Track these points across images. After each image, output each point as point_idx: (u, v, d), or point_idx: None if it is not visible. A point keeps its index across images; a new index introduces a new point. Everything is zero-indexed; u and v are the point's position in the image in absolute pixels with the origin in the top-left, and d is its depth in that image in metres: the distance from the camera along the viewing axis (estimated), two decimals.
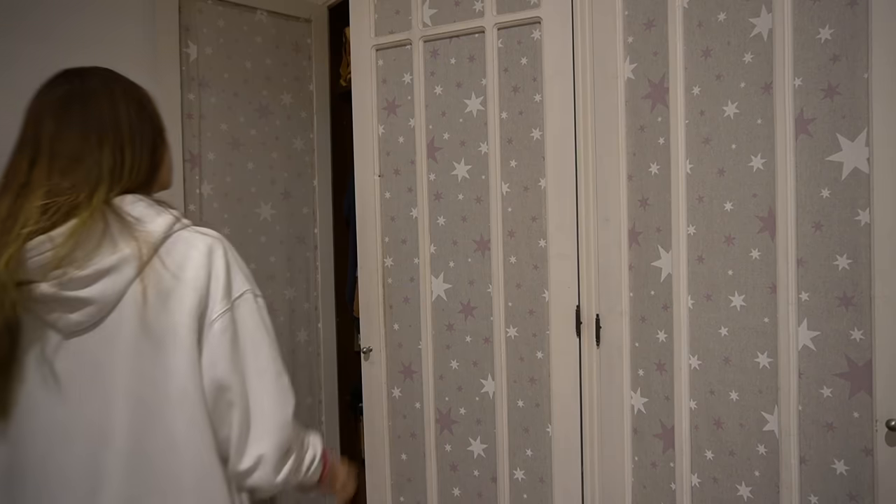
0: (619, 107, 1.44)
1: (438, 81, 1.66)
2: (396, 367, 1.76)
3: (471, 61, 1.62)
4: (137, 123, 0.99)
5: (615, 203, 1.45)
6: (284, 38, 2.05)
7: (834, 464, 1.13)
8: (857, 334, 1.10)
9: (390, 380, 1.77)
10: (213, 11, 1.90)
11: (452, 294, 1.68)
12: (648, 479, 1.43)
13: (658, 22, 1.36)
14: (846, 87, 1.09)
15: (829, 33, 1.11)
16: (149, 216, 0.89)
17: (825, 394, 1.14)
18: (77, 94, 0.98)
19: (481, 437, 1.66)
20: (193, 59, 1.86)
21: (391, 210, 1.75)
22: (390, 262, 1.75)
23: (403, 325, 1.75)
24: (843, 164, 1.10)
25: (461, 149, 1.65)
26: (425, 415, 1.72)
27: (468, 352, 1.67)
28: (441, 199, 1.68)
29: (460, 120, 1.65)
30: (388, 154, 1.74)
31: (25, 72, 1.65)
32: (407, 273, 1.73)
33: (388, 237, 1.75)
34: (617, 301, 1.46)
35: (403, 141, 1.72)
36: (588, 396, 1.51)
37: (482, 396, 1.66)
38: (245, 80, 1.96)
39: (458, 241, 1.67)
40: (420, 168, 1.69)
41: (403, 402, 1.75)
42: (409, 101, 1.70)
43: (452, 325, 1.68)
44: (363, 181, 1.76)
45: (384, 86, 1.73)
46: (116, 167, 0.91)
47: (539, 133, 1.55)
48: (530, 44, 1.54)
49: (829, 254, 1.12)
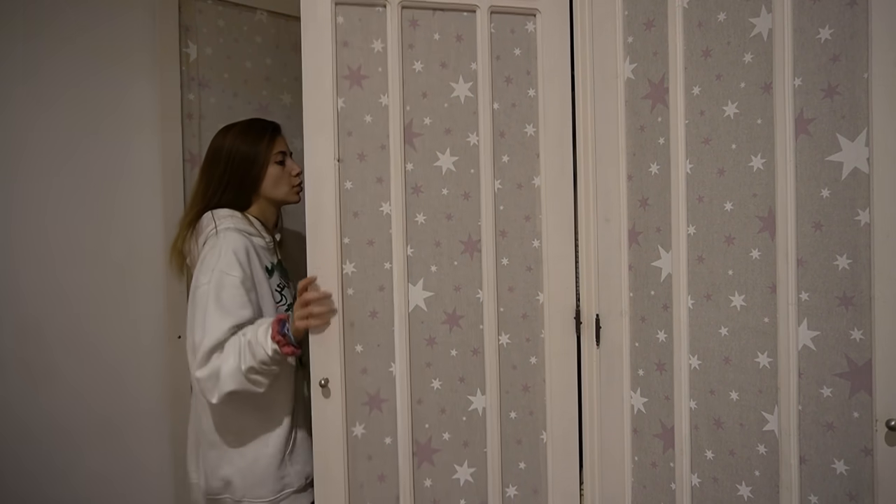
0: (619, 107, 1.44)
1: (418, 56, 1.47)
2: (359, 398, 1.44)
3: (458, 41, 1.48)
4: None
5: (615, 203, 1.45)
6: (284, 38, 2.05)
7: (834, 464, 1.13)
8: (857, 334, 1.10)
9: (350, 416, 1.44)
10: (213, 11, 1.90)
11: (435, 303, 1.48)
12: (648, 479, 1.43)
13: (658, 22, 1.36)
14: (846, 87, 1.09)
15: (829, 33, 1.11)
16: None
17: (825, 394, 1.14)
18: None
19: (468, 461, 1.50)
20: (193, 59, 1.86)
21: (353, 204, 1.44)
22: (351, 269, 1.43)
23: (369, 345, 1.45)
24: (843, 164, 1.10)
25: (446, 137, 1.48)
26: (400, 450, 1.46)
27: (454, 367, 1.49)
28: (421, 192, 1.47)
29: (445, 105, 1.48)
30: (350, 134, 1.44)
31: (25, 71, 1.66)
32: (374, 281, 1.45)
33: (348, 237, 1.43)
34: (617, 301, 1.46)
35: (371, 120, 1.45)
36: (588, 397, 1.51)
37: (470, 415, 1.50)
38: (245, 80, 1.96)
39: (441, 242, 1.48)
40: (395, 155, 1.45)
41: (368, 440, 1.45)
42: (379, 73, 1.45)
43: (434, 339, 1.48)
44: (316, 166, 1.41)
45: (345, 49, 1.43)
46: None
47: (533, 129, 1.51)
48: (523, 35, 1.50)
49: (829, 254, 1.12)
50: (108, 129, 1.76)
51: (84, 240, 1.73)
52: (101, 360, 1.75)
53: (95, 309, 1.74)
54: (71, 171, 1.71)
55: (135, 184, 1.80)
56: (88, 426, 1.73)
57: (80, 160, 1.73)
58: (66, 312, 1.70)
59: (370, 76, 1.45)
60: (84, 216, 1.73)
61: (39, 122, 1.68)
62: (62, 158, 1.70)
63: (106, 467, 1.76)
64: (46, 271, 1.68)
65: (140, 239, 1.80)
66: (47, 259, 1.68)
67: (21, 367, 1.65)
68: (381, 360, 1.46)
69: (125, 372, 1.78)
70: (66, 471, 1.70)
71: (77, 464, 1.72)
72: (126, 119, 1.79)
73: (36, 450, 1.67)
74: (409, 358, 1.46)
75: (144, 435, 1.80)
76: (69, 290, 1.71)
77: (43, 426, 1.67)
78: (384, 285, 1.45)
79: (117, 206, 1.78)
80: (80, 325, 1.72)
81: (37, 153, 1.67)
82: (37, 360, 1.67)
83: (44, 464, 1.68)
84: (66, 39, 1.71)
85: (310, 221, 1.41)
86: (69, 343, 1.71)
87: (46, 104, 1.68)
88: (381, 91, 1.45)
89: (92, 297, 1.74)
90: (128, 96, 1.79)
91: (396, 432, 1.46)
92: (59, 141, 1.70)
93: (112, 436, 1.77)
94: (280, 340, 1.38)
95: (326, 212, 1.41)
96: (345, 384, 1.43)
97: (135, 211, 1.80)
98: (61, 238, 1.70)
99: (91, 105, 1.74)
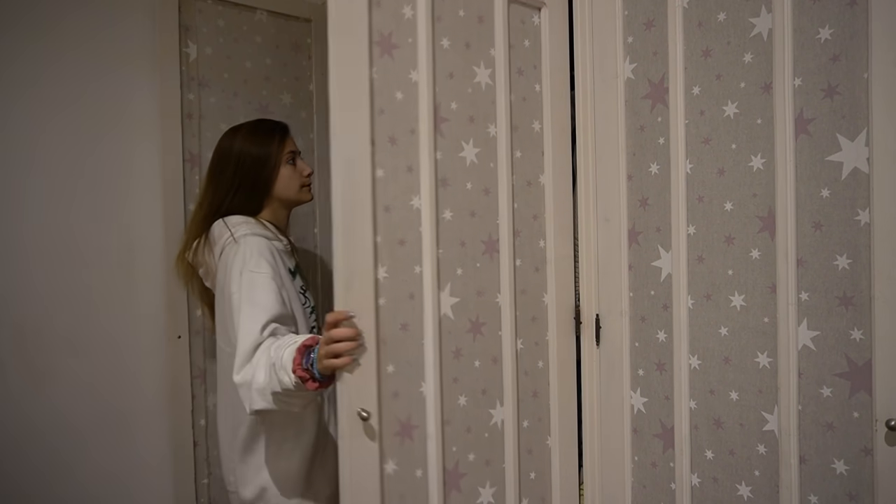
0: (619, 106, 1.44)
1: (446, 32, 1.28)
2: (392, 428, 1.20)
3: (480, 22, 1.33)
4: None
5: (615, 203, 1.45)
6: (284, 37, 2.05)
7: (834, 463, 1.13)
8: (856, 334, 1.10)
9: (384, 451, 1.19)
10: (213, 11, 1.90)
11: (460, 310, 1.30)
12: (648, 479, 1.43)
13: (658, 22, 1.36)
14: (846, 87, 1.09)
15: (829, 33, 1.11)
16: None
17: (825, 393, 1.14)
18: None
19: (490, 481, 1.35)
20: (193, 59, 1.86)
21: (385, 196, 1.19)
22: (383, 274, 1.19)
23: (400, 363, 1.21)
24: (843, 164, 1.10)
25: (470, 126, 1.31)
26: (430, 482, 1.25)
27: (477, 380, 1.32)
28: (448, 186, 1.28)
29: (469, 90, 1.31)
30: (382, 113, 1.19)
31: (25, 71, 1.66)
32: (405, 288, 1.22)
33: (380, 236, 1.19)
34: (617, 301, 1.46)
35: (402, 98, 1.22)
36: (588, 396, 1.51)
37: (491, 430, 1.35)
38: (245, 80, 1.96)
39: (466, 242, 1.31)
40: (424, 140, 1.24)
41: (400, 476, 1.21)
42: (409, 43, 1.23)
43: (460, 351, 1.30)
44: (348, 148, 1.14)
45: (378, 10, 1.19)
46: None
47: (539, 125, 1.46)
48: (531, 27, 1.45)
49: (828, 254, 1.12)
50: (108, 128, 1.76)
51: (84, 239, 1.73)
52: (101, 360, 1.75)
53: (95, 308, 1.74)
54: (71, 170, 1.71)
55: (135, 184, 1.80)
56: (89, 425, 1.73)
57: (80, 160, 1.72)
58: (66, 312, 1.70)
59: (401, 46, 1.22)
60: (84, 216, 1.73)
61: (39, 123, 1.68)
62: (62, 158, 1.70)
63: (108, 464, 1.76)
64: (46, 271, 1.68)
65: (140, 239, 1.80)
66: (47, 259, 1.68)
67: (22, 366, 1.65)
68: (412, 381, 1.23)
69: (125, 371, 1.78)
70: (69, 467, 1.71)
71: (80, 461, 1.72)
72: (126, 119, 1.78)
73: (39, 447, 1.67)
74: (439, 375, 1.26)
75: (145, 433, 1.81)
76: (69, 289, 1.71)
77: (45, 424, 1.67)
78: (414, 292, 1.23)
79: (117, 206, 1.77)
80: (81, 325, 1.72)
81: (37, 153, 1.67)
82: (37, 359, 1.67)
83: (47, 461, 1.68)
84: (66, 40, 1.71)
85: (338, 216, 1.13)
86: (69, 342, 1.70)
87: (46, 104, 1.68)
88: (411, 65, 1.24)
89: (92, 296, 1.74)
90: (128, 96, 1.79)
91: (426, 462, 1.26)
92: (58, 141, 1.70)
93: (113, 434, 1.77)
94: (303, 375, 1.20)
95: (361, 204, 1.15)
96: (380, 414, 1.18)
97: (135, 211, 1.80)
98: (61, 238, 1.70)
99: (91, 105, 1.74)
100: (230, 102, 1.93)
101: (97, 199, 1.75)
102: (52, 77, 1.69)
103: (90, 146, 1.74)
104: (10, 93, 1.64)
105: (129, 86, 1.79)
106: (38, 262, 1.67)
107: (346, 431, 1.14)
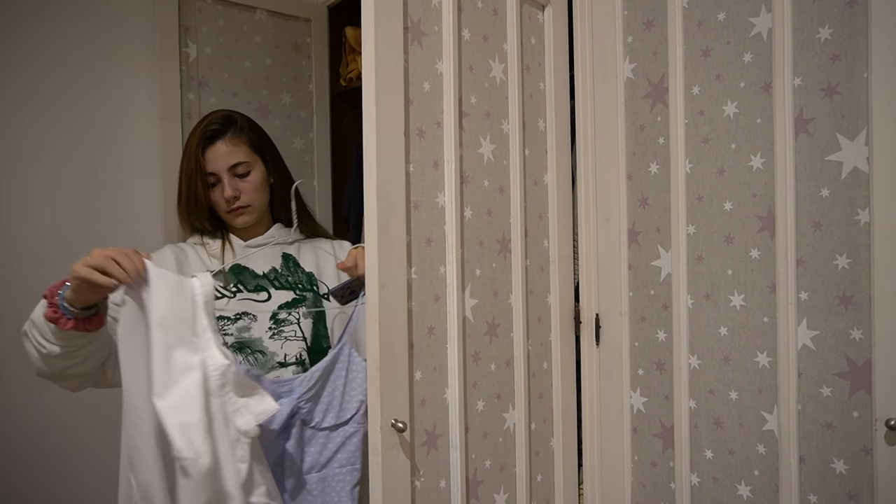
0: (619, 106, 1.44)
1: (467, 23, 1.25)
2: (419, 438, 1.15)
3: (495, 15, 1.31)
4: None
5: (615, 202, 1.45)
6: (284, 37, 2.05)
7: (833, 463, 1.13)
8: (856, 334, 1.10)
9: (415, 465, 1.14)
10: (213, 11, 1.90)
11: (479, 312, 1.27)
12: (648, 479, 1.43)
13: (657, 21, 1.36)
14: (846, 86, 1.09)
15: (829, 33, 1.11)
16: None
17: (825, 393, 1.14)
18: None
19: (504, 486, 1.33)
20: (193, 59, 1.86)
21: (414, 192, 1.14)
22: (413, 275, 1.14)
23: (426, 369, 1.16)
24: (843, 164, 1.10)
25: (486, 121, 1.29)
26: (452, 494, 1.21)
27: (493, 384, 1.30)
28: (468, 182, 1.25)
29: (486, 84, 1.29)
30: (412, 103, 1.15)
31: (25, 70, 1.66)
32: (431, 290, 1.17)
33: (409, 235, 1.14)
34: (616, 301, 1.46)
35: (430, 89, 1.18)
36: (588, 396, 1.51)
37: (504, 435, 1.32)
38: (244, 80, 1.96)
39: (483, 242, 1.28)
40: (449, 134, 1.20)
41: (426, 490, 1.15)
42: (435, 32, 1.19)
43: (479, 354, 1.27)
44: (385, 142, 1.06)
45: None
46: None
47: (543, 124, 1.46)
48: (536, 24, 1.45)
49: (828, 253, 1.12)
50: (108, 128, 1.76)
51: (84, 239, 1.73)
52: None
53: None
54: (71, 170, 1.71)
55: (135, 184, 1.80)
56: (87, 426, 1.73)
57: (80, 160, 1.73)
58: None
59: (428, 34, 1.18)
60: (84, 216, 1.73)
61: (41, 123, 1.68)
62: (62, 158, 1.70)
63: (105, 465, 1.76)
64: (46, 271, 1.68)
65: (140, 238, 1.80)
66: (47, 258, 1.68)
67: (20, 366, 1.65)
68: (437, 387, 1.19)
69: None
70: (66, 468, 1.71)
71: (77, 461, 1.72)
72: (126, 119, 1.79)
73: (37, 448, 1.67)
74: (463, 380, 1.22)
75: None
76: None
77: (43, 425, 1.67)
78: (439, 294, 1.19)
79: (117, 206, 1.78)
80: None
81: (37, 153, 1.67)
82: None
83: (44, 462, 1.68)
84: (66, 40, 1.71)
85: (374, 216, 1.05)
86: None
87: (46, 104, 1.68)
88: (437, 55, 1.20)
89: None
90: (128, 96, 1.79)
91: (449, 472, 1.21)
92: (58, 141, 1.70)
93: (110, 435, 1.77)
94: (53, 312, 1.12)
95: (396, 200, 1.09)
96: (412, 425, 1.12)
97: (135, 211, 1.80)
98: (61, 237, 1.70)
99: (91, 105, 1.74)
100: (230, 102, 1.93)
101: (97, 198, 1.75)
102: (52, 77, 1.69)
103: (91, 146, 1.74)
104: (16, 97, 1.65)
105: (129, 86, 1.79)
106: (39, 261, 1.67)
107: (378, 447, 1.05)
